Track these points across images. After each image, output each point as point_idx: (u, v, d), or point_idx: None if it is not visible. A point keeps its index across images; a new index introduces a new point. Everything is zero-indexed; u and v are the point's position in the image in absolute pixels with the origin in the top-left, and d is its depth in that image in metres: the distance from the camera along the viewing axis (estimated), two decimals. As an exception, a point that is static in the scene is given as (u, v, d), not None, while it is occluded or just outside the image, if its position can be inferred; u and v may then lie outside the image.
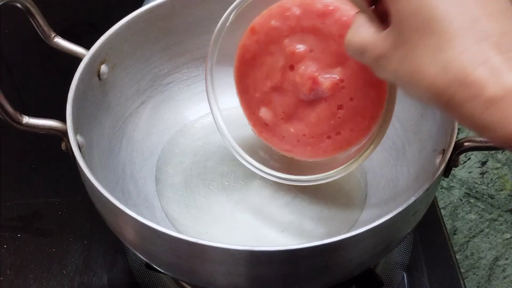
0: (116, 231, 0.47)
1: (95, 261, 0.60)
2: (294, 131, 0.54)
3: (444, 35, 0.31)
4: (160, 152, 0.62)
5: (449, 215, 0.94)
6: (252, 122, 0.57)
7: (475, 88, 0.30)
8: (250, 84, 0.55)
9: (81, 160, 0.45)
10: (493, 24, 0.30)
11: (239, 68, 0.55)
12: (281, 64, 0.52)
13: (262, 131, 0.56)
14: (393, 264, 0.59)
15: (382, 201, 0.56)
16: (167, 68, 0.63)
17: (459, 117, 0.32)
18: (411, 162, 0.56)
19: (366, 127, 0.51)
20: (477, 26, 0.30)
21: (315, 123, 0.53)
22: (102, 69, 0.54)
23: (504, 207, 0.95)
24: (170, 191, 0.59)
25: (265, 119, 0.55)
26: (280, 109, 0.54)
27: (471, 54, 0.30)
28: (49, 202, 0.65)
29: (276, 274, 0.42)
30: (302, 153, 0.55)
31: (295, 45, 0.51)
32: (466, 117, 0.31)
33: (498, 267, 0.90)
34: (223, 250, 0.39)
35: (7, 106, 0.46)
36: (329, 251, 0.40)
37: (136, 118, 0.62)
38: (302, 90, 0.51)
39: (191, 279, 0.49)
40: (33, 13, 0.51)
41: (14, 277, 0.59)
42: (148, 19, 0.58)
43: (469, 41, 0.30)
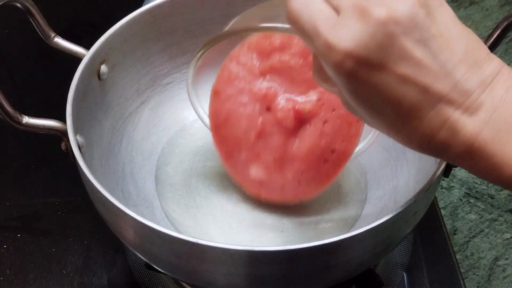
0: (116, 231, 0.47)
1: (95, 261, 0.60)
2: (291, 175, 0.53)
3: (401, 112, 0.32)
4: (160, 152, 0.62)
5: (449, 215, 0.94)
6: (247, 187, 0.56)
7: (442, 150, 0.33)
8: (232, 145, 0.54)
9: (81, 160, 0.45)
10: (442, 84, 0.31)
11: (218, 134, 0.55)
12: (257, 109, 0.52)
13: (259, 192, 0.55)
14: (393, 264, 0.59)
15: (382, 201, 0.56)
16: (167, 68, 0.63)
17: None
18: (411, 162, 0.56)
19: (355, 132, 0.52)
20: (428, 93, 0.31)
21: (307, 153, 0.52)
22: (102, 69, 0.54)
23: (504, 207, 0.95)
24: (170, 191, 0.59)
25: (259, 178, 0.53)
26: (270, 157, 0.52)
27: (429, 121, 0.32)
28: (49, 202, 0.65)
29: (276, 274, 0.42)
30: (308, 191, 0.54)
31: (264, 87, 0.52)
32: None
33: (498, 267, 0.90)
34: (223, 250, 0.39)
35: (7, 106, 0.46)
36: (329, 251, 0.40)
37: (136, 118, 0.62)
38: (287, 124, 0.51)
39: (191, 279, 0.49)
40: (33, 13, 0.51)
41: (14, 277, 0.59)
42: (148, 19, 0.58)
43: (425, 110, 0.31)
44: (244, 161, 0.53)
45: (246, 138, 0.53)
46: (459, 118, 0.31)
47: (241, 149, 0.53)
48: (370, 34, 0.30)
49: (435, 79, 0.31)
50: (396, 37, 0.30)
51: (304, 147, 0.52)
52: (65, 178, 0.67)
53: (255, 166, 0.53)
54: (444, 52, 0.31)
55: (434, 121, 0.31)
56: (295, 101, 0.52)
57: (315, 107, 0.52)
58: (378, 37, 0.30)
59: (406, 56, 0.30)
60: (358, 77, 0.31)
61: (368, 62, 0.30)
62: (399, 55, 0.30)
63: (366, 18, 0.30)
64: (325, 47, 0.31)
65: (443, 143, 0.32)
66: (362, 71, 0.31)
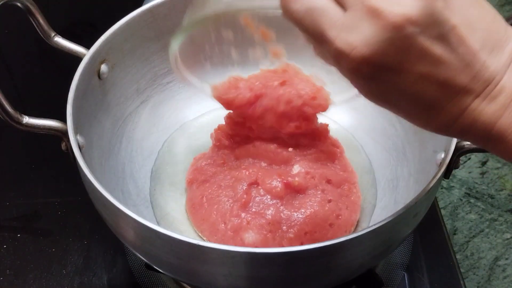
0: (116, 232, 0.47)
1: (95, 261, 0.60)
2: (294, 234, 0.50)
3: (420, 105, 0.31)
4: (160, 151, 0.62)
5: (449, 215, 0.94)
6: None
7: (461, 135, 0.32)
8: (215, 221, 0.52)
9: (81, 160, 0.45)
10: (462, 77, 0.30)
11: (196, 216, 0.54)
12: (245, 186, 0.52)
13: None
14: (393, 264, 0.59)
15: (382, 202, 0.56)
16: (166, 68, 0.63)
17: None
18: (412, 163, 0.56)
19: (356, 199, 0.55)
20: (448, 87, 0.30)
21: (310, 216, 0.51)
22: (102, 69, 0.54)
23: (504, 207, 0.95)
24: (170, 191, 0.59)
25: (255, 243, 0.50)
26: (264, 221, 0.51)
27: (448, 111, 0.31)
28: (49, 202, 0.65)
29: (277, 275, 0.41)
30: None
31: (247, 169, 0.53)
32: None
33: (498, 267, 0.90)
34: (224, 251, 0.39)
35: (7, 106, 0.46)
36: (329, 253, 0.40)
37: (136, 117, 0.61)
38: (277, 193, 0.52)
39: (191, 280, 0.49)
40: (33, 12, 0.51)
41: (14, 277, 0.59)
42: (148, 19, 0.58)
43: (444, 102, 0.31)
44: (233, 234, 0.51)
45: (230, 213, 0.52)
46: (478, 105, 0.30)
47: (227, 226, 0.51)
48: (387, 39, 0.28)
49: (454, 73, 0.29)
50: (414, 38, 0.28)
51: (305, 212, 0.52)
52: (65, 178, 0.67)
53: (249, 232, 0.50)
54: (464, 43, 0.29)
55: (453, 110, 0.31)
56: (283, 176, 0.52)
57: (305, 180, 0.52)
58: (396, 41, 0.28)
59: (425, 55, 0.29)
60: (374, 80, 0.30)
61: (385, 66, 0.29)
62: (418, 55, 0.29)
63: (380, 21, 0.28)
64: (336, 53, 0.30)
65: (462, 129, 0.31)
66: (379, 75, 0.29)
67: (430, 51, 0.29)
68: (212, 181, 0.55)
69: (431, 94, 0.30)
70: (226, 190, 0.53)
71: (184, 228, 0.55)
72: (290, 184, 0.52)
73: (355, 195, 0.55)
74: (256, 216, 0.51)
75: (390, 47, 0.28)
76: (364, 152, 0.61)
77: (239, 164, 0.56)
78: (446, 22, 0.29)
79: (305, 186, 0.52)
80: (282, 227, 0.50)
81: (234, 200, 0.52)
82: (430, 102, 0.30)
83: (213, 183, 0.55)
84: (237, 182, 0.53)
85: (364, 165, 0.60)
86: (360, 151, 0.61)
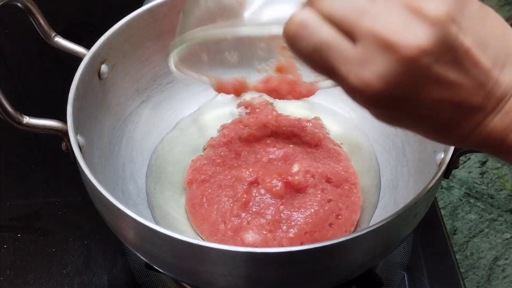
0: (116, 232, 0.47)
1: (95, 261, 0.60)
2: (294, 234, 0.50)
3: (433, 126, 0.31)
4: (160, 151, 0.62)
5: (449, 215, 0.94)
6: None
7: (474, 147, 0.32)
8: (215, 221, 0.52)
9: (81, 160, 0.45)
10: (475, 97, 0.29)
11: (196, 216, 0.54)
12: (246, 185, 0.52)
13: None
14: (393, 264, 0.59)
15: (382, 203, 0.56)
16: (166, 68, 0.62)
17: None
18: (411, 163, 0.56)
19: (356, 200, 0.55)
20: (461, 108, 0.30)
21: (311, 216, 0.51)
22: (103, 69, 0.54)
23: (504, 207, 0.95)
24: (170, 190, 0.59)
25: (255, 243, 0.50)
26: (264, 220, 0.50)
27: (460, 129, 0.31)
28: (49, 202, 0.65)
29: (277, 275, 0.41)
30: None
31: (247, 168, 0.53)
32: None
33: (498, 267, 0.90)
34: (224, 251, 0.39)
35: (7, 106, 0.46)
36: (329, 253, 0.40)
37: (136, 117, 0.61)
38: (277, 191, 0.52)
39: (192, 280, 0.49)
40: (33, 12, 0.51)
41: (14, 277, 0.59)
42: (148, 18, 0.58)
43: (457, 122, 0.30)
44: (233, 235, 0.51)
45: (230, 212, 0.52)
46: (491, 121, 0.30)
47: (227, 226, 0.51)
48: (402, 72, 0.27)
49: (468, 94, 0.29)
50: (430, 67, 0.27)
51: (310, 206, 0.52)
52: (65, 178, 0.67)
53: (249, 232, 0.50)
54: (477, 64, 0.29)
55: (466, 127, 0.31)
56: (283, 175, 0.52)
57: (305, 179, 0.52)
58: (411, 73, 0.27)
59: (440, 81, 0.28)
60: (390, 109, 0.29)
61: (400, 96, 0.28)
62: (432, 82, 0.28)
63: (394, 54, 0.27)
64: (350, 89, 0.29)
65: (475, 143, 0.31)
66: (394, 105, 0.29)
67: (445, 77, 0.28)
68: (212, 181, 0.55)
69: (446, 116, 0.30)
70: (226, 190, 0.53)
71: (184, 228, 0.55)
72: (290, 183, 0.52)
73: (355, 196, 0.55)
74: (256, 216, 0.51)
75: (405, 79, 0.28)
76: (364, 152, 0.61)
77: (239, 163, 0.56)
78: (460, 47, 0.28)
79: (305, 184, 0.52)
80: (282, 227, 0.50)
81: (234, 200, 0.52)
82: (445, 122, 0.30)
83: (213, 183, 0.55)
84: (237, 182, 0.53)
85: (364, 165, 0.60)
86: (360, 151, 0.61)
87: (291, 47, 0.30)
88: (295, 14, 0.29)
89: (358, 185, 0.56)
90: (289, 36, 0.30)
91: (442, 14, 0.27)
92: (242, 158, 0.56)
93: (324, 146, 0.58)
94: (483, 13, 0.30)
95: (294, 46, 0.30)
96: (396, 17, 0.27)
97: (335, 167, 0.56)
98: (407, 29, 0.27)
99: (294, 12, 0.29)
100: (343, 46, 0.28)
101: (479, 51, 0.29)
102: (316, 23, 0.29)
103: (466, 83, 0.29)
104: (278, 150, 0.56)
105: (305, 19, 0.29)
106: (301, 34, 0.29)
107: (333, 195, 0.53)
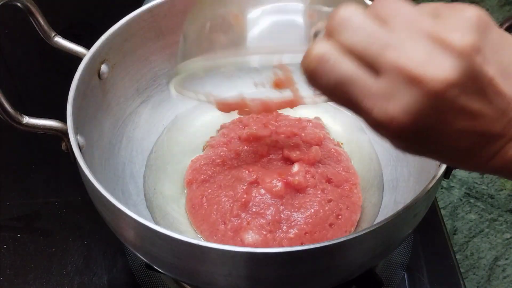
0: (116, 232, 0.47)
1: (95, 261, 0.60)
2: (294, 234, 0.50)
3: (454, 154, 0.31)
4: (160, 151, 0.62)
5: (449, 215, 0.94)
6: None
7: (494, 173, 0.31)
8: (215, 222, 0.52)
9: (81, 160, 0.45)
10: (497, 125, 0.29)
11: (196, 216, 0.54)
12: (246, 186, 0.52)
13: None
14: (393, 264, 0.59)
15: (382, 202, 0.56)
16: (167, 67, 0.63)
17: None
18: (412, 163, 0.56)
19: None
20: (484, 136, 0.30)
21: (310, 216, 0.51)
22: (102, 69, 0.54)
23: (504, 207, 0.95)
24: (170, 190, 0.59)
25: (255, 243, 0.50)
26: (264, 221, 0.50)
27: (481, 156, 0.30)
28: (49, 202, 0.65)
29: (277, 275, 0.41)
30: None
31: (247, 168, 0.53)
32: None
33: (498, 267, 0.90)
34: (224, 251, 0.39)
35: (7, 106, 0.46)
36: (329, 253, 0.40)
37: (136, 117, 0.61)
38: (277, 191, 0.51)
39: (192, 280, 0.49)
40: (33, 12, 0.51)
41: (14, 277, 0.59)
42: (148, 18, 0.58)
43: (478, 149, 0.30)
44: (233, 235, 0.51)
45: (230, 212, 0.52)
46: (510, 148, 0.30)
47: (227, 226, 0.51)
48: (429, 106, 0.27)
49: (489, 124, 0.29)
50: (455, 99, 0.27)
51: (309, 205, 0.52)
52: (65, 178, 0.67)
53: (249, 233, 0.50)
54: (500, 93, 0.28)
55: (486, 154, 0.30)
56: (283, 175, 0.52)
57: (305, 179, 0.52)
58: (437, 107, 0.27)
59: (463, 112, 0.28)
60: (412, 141, 0.29)
61: (425, 128, 0.28)
62: (457, 113, 0.28)
63: (420, 88, 0.26)
64: (374, 124, 0.28)
65: (494, 169, 0.31)
66: (417, 137, 0.29)
67: (469, 107, 0.28)
68: (211, 181, 0.55)
69: (467, 144, 0.29)
70: (226, 190, 0.53)
71: (184, 228, 0.55)
72: (290, 183, 0.52)
73: (355, 196, 0.55)
74: (256, 216, 0.51)
75: (431, 112, 0.27)
76: (365, 152, 0.61)
77: (239, 163, 0.56)
78: (485, 77, 0.28)
79: (305, 185, 0.52)
80: (282, 227, 0.50)
81: (234, 200, 0.52)
82: (465, 150, 0.30)
83: (213, 183, 0.55)
84: (237, 182, 0.53)
85: (365, 165, 0.60)
86: (361, 151, 0.61)
87: (311, 82, 0.29)
88: (314, 48, 0.29)
89: (359, 185, 0.56)
90: (309, 71, 0.29)
91: (468, 45, 0.27)
92: (242, 158, 0.56)
93: (324, 146, 0.58)
94: (503, 40, 0.29)
95: (315, 81, 0.29)
96: (420, 49, 0.27)
97: (336, 167, 0.56)
98: (432, 62, 0.26)
99: (312, 45, 0.29)
100: (365, 80, 0.28)
101: (502, 80, 0.28)
102: (337, 57, 0.28)
103: (488, 112, 0.28)
104: (278, 150, 0.56)
105: (326, 53, 0.28)
106: (322, 69, 0.28)
107: (333, 195, 0.53)
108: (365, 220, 0.55)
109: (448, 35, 0.27)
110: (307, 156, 0.54)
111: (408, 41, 0.27)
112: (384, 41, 0.27)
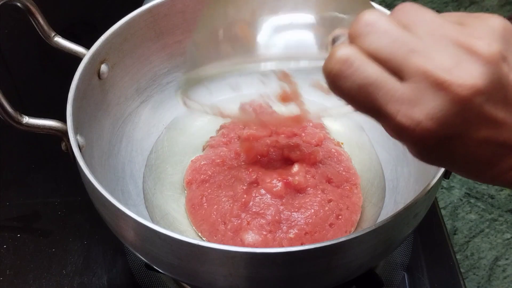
0: (116, 232, 0.47)
1: (95, 261, 0.60)
2: (294, 234, 0.50)
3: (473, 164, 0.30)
4: (159, 151, 0.62)
5: (449, 215, 0.94)
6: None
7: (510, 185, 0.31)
8: (215, 222, 0.52)
9: (81, 160, 0.45)
10: None
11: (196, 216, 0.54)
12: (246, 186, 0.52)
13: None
14: (393, 264, 0.59)
15: (382, 202, 0.56)
16: (166, 67, 0.63)
17: None
18: (412, 163, 0.56)
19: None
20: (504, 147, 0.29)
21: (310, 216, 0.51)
22: (102, 69, 0.54)
23: (504, 207, 0.95)
24: (170, 190, 0.59)
25: (255, 244, 0.50)
26: (264, 221, 0.50)
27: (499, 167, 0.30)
28: (49, 202, 0.65)
29: (277, 275, 0.41)
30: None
31: (247, 168, 0.53)
32: None
33: (498, 267, 0.90)
34: (224, 252, 0.39)
35: (7, 106, 0.46)
36: (329, 253, 0.40)
37: (135, 117, 0.61)
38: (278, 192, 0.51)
39: (192, 280, 0.49)
40: (33, 12, 0.51)
41: (14, 277, 0.59)
42: (148, 18, 0.58)
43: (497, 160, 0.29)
44: (233, 235, 0.51)
45: (230, 213, 0.52)
46: None
47: (227, 226, 0.51)
48: (455, 113, 0.26)
49: (510, 134, 0.28)
50: (481, 107, 0.27)
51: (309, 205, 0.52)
52: (65, 178, 0.67)
53: (250, 233, 0.50)
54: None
55: (504, 166, 0.30)
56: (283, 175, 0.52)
57: (305, 179, 0.52)
58: (463, 114, 0.27)
59: (488, 121, 0.27)
60: (434, 148, 0.29)
61: (449, 135, 0.28)
62: (482, 121, 0.27)
63: (447, 94, 0.26)
64: (398, 128, 0.28)
65: (508, 181, 0.31)
66: (439, 144, 0.28)
67: (494, 116, 0.27)
68: (211, 181, 0.55)
69: (486, 155, 0.29)
70: (226, 190, 0.53)
71: (184, 228, 0.55)
72: (290, 183, 0.52)
73: (356, 196, 0.55)
74: (256, 216, 0.51)
75: (457, 119, 0.27)
76: (365, 152, 0.61)
77: (238, 163, 0.56)
78: (510, 86, 0.28)
79: (305, 185, 0.52)
80: (282, 228, 0.50)
81: (234, 200, 0.52)
82: (484, 162, 0.30)
83: (213, 183, 0.55)
84: (237, 182, 0.53)
85: (365, 165, 0.60)
86: (361, 151, 0.61)
87: (333, 86, 0.29)
88: (337, 51, 0.28)
89: (359, 186, 0.56)
90: (332, 74, 0.28)
91: (495, 52, 0.27)
92: (241, 158, 0.56)
93: (325, 146, 0.58)
94: None
95: (337, 85, 0.28)
96: (447, 55, 0.27)
97: (336, 167, 0.56)
98: (460, 68, 0.26)
99: (334, 49, 0.28)
100: (390, 83, 0.27)
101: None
102: (361, 61, 0.28)
103: (510, 122, 0.28)
104: (278, 150, 0.56)
105: (350, 57, 0.28)
106: (346, 72, 0.28)
107: (334, 196, 0.53)
108: (365, 220, 0.55)
109: (474, 42, 0.27)
110: (307, 156, 0.54)
111: (435, 47, 0.27)
112: (410, 46, 0.27)
